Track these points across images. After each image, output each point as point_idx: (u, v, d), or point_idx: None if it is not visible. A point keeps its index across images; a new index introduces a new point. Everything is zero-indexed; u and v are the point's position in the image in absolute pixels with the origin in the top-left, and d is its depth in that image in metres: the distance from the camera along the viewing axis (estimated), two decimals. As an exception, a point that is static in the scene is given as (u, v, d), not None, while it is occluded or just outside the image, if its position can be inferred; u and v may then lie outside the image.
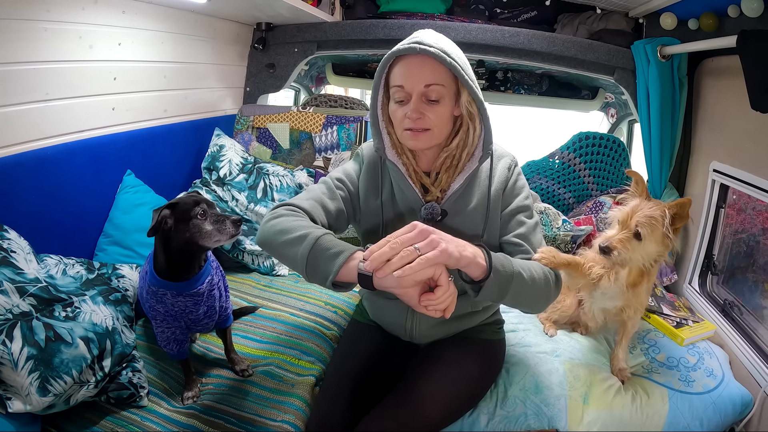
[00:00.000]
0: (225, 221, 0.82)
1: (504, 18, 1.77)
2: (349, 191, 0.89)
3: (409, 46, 0.76)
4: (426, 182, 0.86)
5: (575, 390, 0.97)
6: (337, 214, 0.86)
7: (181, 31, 1.41)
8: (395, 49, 0.78)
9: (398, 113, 0.80)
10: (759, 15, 1.01)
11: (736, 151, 1.21)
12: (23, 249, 0.88)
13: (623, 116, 2.05)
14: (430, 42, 0.76)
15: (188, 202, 0.82)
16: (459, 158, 0.84)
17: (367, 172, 0.90)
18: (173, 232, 0.81)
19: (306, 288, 1.31)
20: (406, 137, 0.81)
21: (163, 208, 0.81)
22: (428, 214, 0.84)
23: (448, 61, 0.76)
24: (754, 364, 1.05)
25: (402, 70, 0.78)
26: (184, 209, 0.81)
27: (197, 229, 0.81)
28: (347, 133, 1.66)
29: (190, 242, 0.82)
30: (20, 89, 0.97)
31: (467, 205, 0.86)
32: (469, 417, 0.95)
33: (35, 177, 1.02)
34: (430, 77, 0.77)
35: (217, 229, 0.82)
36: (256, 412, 0.87)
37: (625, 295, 0.97)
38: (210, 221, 0.82)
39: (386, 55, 0.79)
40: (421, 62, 0.76)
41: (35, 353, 0.76)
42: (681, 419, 0.95)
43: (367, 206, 0.90)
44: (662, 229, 0.88)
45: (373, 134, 0.86)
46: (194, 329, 0.93)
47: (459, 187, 0.84)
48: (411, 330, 0.94)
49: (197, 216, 0.81)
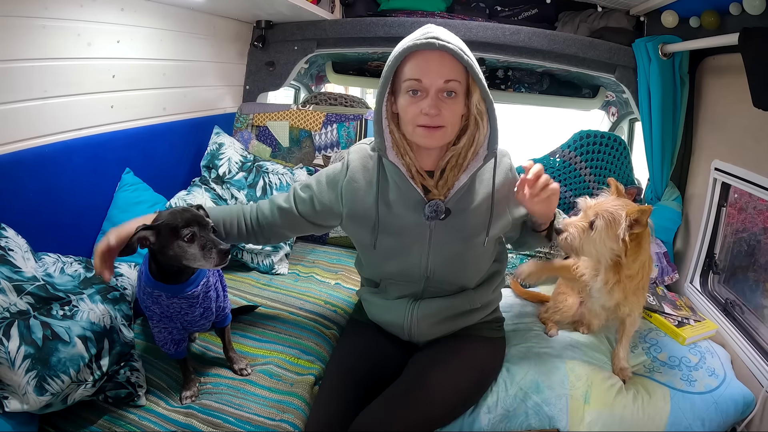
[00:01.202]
0: (212, 249, 0.78)
1: (504, 16, 1.76)
2: (312, 196, 0.93)
3: (428, 41, 0.74)
4: (428, 184, 0.85)
5: (576, 389, 0.97)
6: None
7: (180, 29, 1.40)
8: (411, 42, 0.75)
9: (411, 109, 0.78)
10: (761, 12, 1.00)
11: (737, 150, 1.20)
12: (21, 247, 0.87)
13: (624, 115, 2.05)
14: (447, 38, 0.75)
15: (177, 222, 0.79)
16: (465, 157, 0.83)
17: (356, 173, 0.89)
18: (157, 249, 0.79)
19: (305, 287, 1.30)
20: (420, 134, 0.79)
21: (144, 227, 0.78)
22: (432, 212, 0.84)
23: (466, 59, 0.75)
24: (756, 364, 1.04)
25: (420, 64, 0.76)
26: (172, 227, 0.78)
27: (182, 250, 0.78)
28: (347, 131, 1.66)
29: (174, 259, 0.80)
30: (18, 87, 0.96)
31: (471, 203, 0.86)
32: (469, 416, 0.94)
33: (33, 175, 1.01)
34: (448, 73, 0.76)
35: (202, 254, 0.78)
36: (255, 411, 0.86)
37: (609, 293, 0.96)
38: (197, 244, 0.79)
39: (401, 48, 0.77)
40: (440, 57, 0.76)
41: (32, 352, 0.76)
42: (683, 419, 0.95)
43: (356, 207, 0.89)
44: (617, 229, 0.86)
45: (375, 132, 0.84)
46: (191, 329, 0.93)
47: (464, 185, 0.84)
48: (410, 329, 0.94)
49: (184, 238, 0.78)
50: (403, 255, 0.90)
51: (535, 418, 0.94)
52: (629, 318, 1.02)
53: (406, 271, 0.92)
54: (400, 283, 0.94)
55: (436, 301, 0.93)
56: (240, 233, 0.96)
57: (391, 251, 0.90)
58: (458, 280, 0.93)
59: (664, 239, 1.43)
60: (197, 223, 0.80)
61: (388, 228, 0.88)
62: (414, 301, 0.93)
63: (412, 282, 0.93)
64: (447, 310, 0.93)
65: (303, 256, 1.49)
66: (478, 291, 0.94)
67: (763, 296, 1.20)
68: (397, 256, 0.90)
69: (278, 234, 0.99)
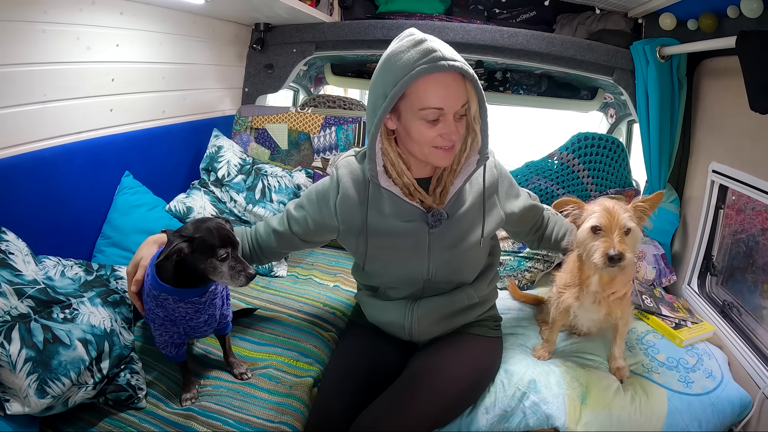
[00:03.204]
0: (241, 272, 0.81)
1: (503, 18, 1.76)
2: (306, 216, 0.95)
3: (438, 64, 0.70)
4: (427, 200, 0.86)
5: (573, 390, 0.97)
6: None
7: (179, 32, 1.41)
8: (421, 67, 0.70)
9: (428, 134, 0.77)
10: (758, 15, 1.00)
11: (735, 152, 1.21)
12: (21, 251, 0.88)
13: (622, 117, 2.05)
14: (452, 55, 0.73)
15: (213, 240, 0.80)
16: (459, 162, 0.85)
17: (348, 190, 0.89)
18: (189, 259, 0.80)
19: (304, 289, 1.31)
20: (436, 156, 0.80)
21: (182, 238, 0.79)
22: (436, 221, 0.85)
23: (471, 74, 0.74)
24: (753, 365, 1.04)
25: (437, 91, 0.73)
26: (209, 245, 0.80)
27: (213, 267, 0.80)
28: (345, 133, 1.66)
29: (201, 272, 0.81)
30: (18, 91, 0.97)
31: (464, 205, 0.88)
32: (467, 416, 0.95)
33: (33, 178, 1.02)
34: (463, 95, 0.76)
35: (230, 275, 0.81)
36: (254, 413, 0.87)
37: (604, 303, 0.96)
38: (228, 265, 0.81)
39: (409, 74, 0.71)
40: (454, 80, 0.74)
41: (33, 355, 0.76)
42: (680, 420, 0.95)
43: (352, 223, 0.90)
44: (638, 220, 0.88)
45: (368, 157, 0.81)
46: (193, 335, 0.93)
47: (459, 188, 0.86)
48: (410, 328, 0.95)
49: (219, 258, 0.80)
50: (404, 263, 0.91)
51: (533, 417, 0.94)
52: (621, 320, 1.02)
53: (406, 278, 0.93)
54: (400, 287, 0.95)
55: (435, 299, 0.94)
56: (243, 257, 0.99)
57: (392, 261, 0.91)
58: (457, 278, 0.94)
59: (661, 241, 1.44)
60: (231, 243, 0.82)
61: (386, 240, 0.89)
62: (413, 300, 0.94)
63: (412, 285, 0.94)
64: (446, 307, 0.94)
65: (302, 259, 1.50)
66: (475, 285, 0.96)
67: (760, 298, 1.21)
68: (397, 265, 0.91)
69: (277, 254, 1.06)
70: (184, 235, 0.80)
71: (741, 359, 1.08)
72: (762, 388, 0.99)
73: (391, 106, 0.75)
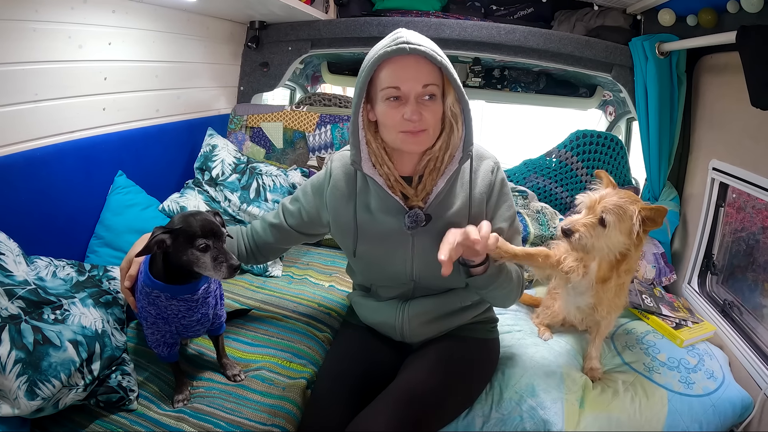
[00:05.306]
0: (223, 263, 0.80)
1: (500, 15, 1.75)
2: (300, 208, 0.96)
3: (399, 46, 0.73)
4: (408, 192, 0.85)
5: (572, 393, 0.96)
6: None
7: (172, 30, 1.40)
8: (382, 51, 0.74)
9: (392, 115, 0.77)
10: (758, 10, 0.99)
11: (735, 149, 1.19)
12: (12, 251, 0.87)
13: (621, 114, 2.03)
14: (418, 41, 0.75)
15: (194, 229, 0.79)
16: (442, 160, 0.83)
17: (338, 181, 0.90)
18: (172, 252, 0.80)
19: (299, 289, 1.30)
20: (404, 140, 0.79)
21: (163, 230, 0.79)
22: (412, 222, 0.83)
23: (439, 60, 0.75)
24: (754, 366, 1.03)
25: (396, 72, 0.76)
26: (189, 234, 0.79)
27: (195, 257, 0.80)
28: (341, 132, 1.65)
29: (186, 264, 0.81)
30: (9, 90, 0.96)
31: (450, 207, 0.86)
32: (464, 419, 0.94)
33: (25, 178, 1.01)
34: (426, 77, 0.76)
35: (213, 265, 0.80)
36: (246, 416, 0.85)
37: (594, 291, 0.94)
38: (210, 255, 0.80)
39: (372, 59, 0.75)
40: (415, 62, 0.75)
41: (23, 356, 0.75)
42: (680, 422, 0.94)
43: (339, 214, 0.90)
44: (630, 223, 0.85)
45: (352, 144, 0.83)
46: (185, 335, 0.92)
47: (441, 189, 0.84)
48: (402, 329, 0.93)
49: (198, 247, 0.79)
50: (386, 262, 0.90)
51: (530, 421, 0.93)
52: (605, 321, 1.01)
53: (392, 277, 0.92)
54: (389, 286, 0.94)
55: (426, 300, 0.92)
56: (240, 256, 1.00)
57: (375, 258, 0.90)
58: (445, 282, 0.92)
59: (661, 240, 1.42)
60: (213, 233, 0.81)
61: (369, 235, 0.88)
62: (404, 301, 0.93)
63: (401, 285, 0.93)
64: (438, 309, 0.92)
65: (297, 258, 1.49)
66: (468, 289, 0.93)
67: (761, 296, 1.19)
68: (381, 263, 0.90)
69: (275, 250, 1.05)
70: (166, 226, 0.80)
71: (742, 359, 1.07)
72: (763, 389, 0.98)
73: (363, 92, 0.78)
